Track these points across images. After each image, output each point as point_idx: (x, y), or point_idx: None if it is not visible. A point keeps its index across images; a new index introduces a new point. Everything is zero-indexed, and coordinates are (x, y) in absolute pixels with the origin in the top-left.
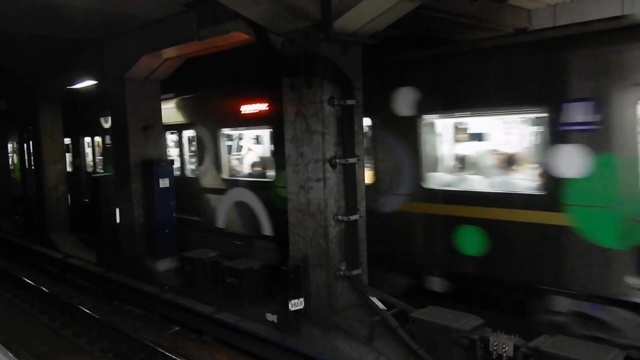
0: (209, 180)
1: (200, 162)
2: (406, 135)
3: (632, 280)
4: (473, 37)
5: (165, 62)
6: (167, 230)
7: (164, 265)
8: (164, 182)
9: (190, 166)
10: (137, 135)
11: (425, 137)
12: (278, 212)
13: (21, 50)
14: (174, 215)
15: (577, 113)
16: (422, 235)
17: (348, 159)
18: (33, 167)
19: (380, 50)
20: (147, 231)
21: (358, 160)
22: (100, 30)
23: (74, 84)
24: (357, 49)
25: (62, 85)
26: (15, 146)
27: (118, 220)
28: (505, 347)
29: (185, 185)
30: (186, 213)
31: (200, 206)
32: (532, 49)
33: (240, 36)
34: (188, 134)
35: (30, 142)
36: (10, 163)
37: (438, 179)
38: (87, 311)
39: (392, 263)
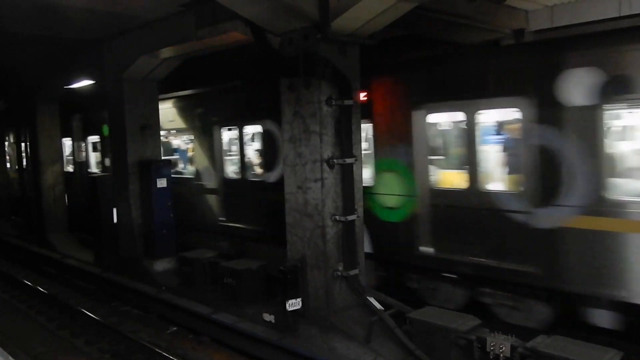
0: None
1: (268, 164)
2: (579, 130)
3: None
4: (471, 39)
5: (163, 62)
6: (165, 231)
7: (162, 265)
8: (162, 182)
9: (258, 169)
10: (135, 135)
11: (609, 132)
12: (382, 227)
13: (20, 50)
14: (172, 215)
15: None
16: (603, 258)
17: (346, 159)
18: (30, 168)
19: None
20: (145, 231)
21: (356, 160)
22: (99, 31)
23: (72, 84)
24: (355, 49)
25: (60, 85)
26: (11, 146)
27: (115, 221)
28: (502, 348)
29: (245, 189)
30: (248, 222)
31: (269, 214)
32: None
33: (238, 36)
34: (253, 129)
35: (28, 142)
36: (7, 163)
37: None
38: (85, 312)
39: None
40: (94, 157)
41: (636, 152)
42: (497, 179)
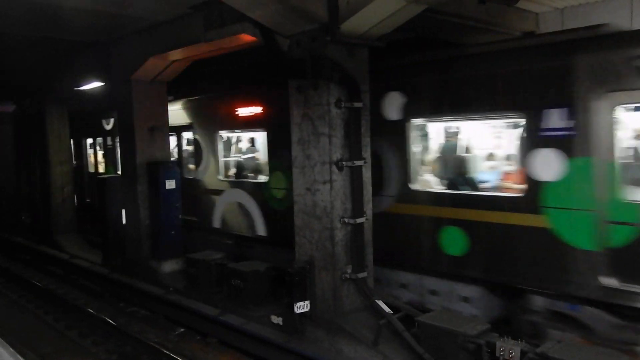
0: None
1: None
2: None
3: None
4: (481, 41)
5: (171, 64)
6: (172, 232)
7: (169, 266)
8: (170, 184)
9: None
10: (143, 136)
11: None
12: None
13: (28, 52)
14: (180, 217)
15: None
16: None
17: (355, 162)
18: (39, 168)
19: None
20: (153, 233)
21: (365, 162)
22: (107, 33)
23: (80, 86)
24: (364, 52)
25: (69, 87)
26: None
27: (124, 222)
28: (512, 353)
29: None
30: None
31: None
32: None
33: (247, 38)
34: (188, 135)
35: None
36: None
37: None
38: (93, 312)
39: None
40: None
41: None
42: None
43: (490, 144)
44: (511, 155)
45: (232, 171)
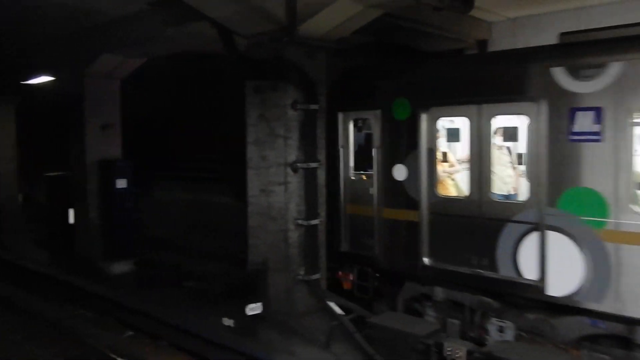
0: None
1: None
2: None
3: None
4: (437, 47)
5: (127, 61)
6: (124, 232)
7: (121, 267)
8: (122, 183)
9: None
10: (94, 134)
11: None
12: None
13: None
14: (132, 216)
15: None
16: None
17: (310, 164)
18: None
19: None
20: (104, 233)
21: (320, 164)
22: (62, 25)
23: (29, 80)
24: (322, 54)
25: (16, 81)
26: None
27: (72, 221)
28: (458, 352)
29: None
30: None
31: None
32: None
33: (206, 37)
34: None
35: None
36: None
37: None
38: (39, 314)
39: None
40: None
41: None
42: None
43: None
44: None
45: None
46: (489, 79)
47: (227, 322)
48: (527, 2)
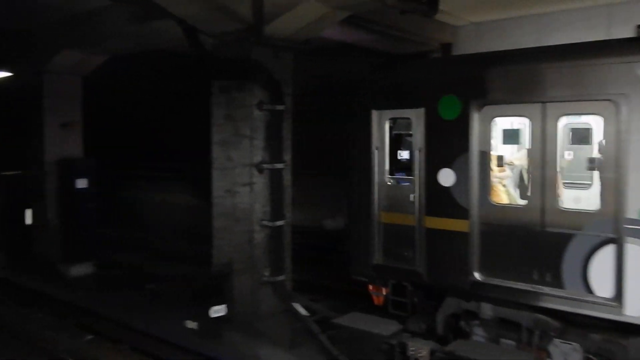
0: None
1: None
2: None
3: None
4: (403, 50)
5: (89, 57)
6: (84, 233)
7: (81, 269)
8: (82, 183)
9: None
10: (54, 132)
11: None
12: None
13: None
14: (94, 217)
15: None
16: None
17: (275, 164)
18: None
19: None
20: (63, 234)
21: (285, 165)
22: (21, 19)
23: None
24: (288, 55)
25: None
26: None
27: (29, 222)
28: (421, 352)
29: None
30: None
31: None
32: None
33: (171, 35)
34: None
35: None
36: None
37: None
38: None
39: None
40: None
41: None
42: None
43: None
44: None
45: None
46: (557, 76)
47: (191, 324)
48: (491, 7)
